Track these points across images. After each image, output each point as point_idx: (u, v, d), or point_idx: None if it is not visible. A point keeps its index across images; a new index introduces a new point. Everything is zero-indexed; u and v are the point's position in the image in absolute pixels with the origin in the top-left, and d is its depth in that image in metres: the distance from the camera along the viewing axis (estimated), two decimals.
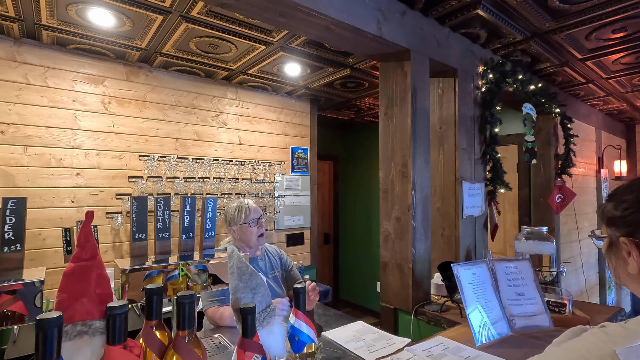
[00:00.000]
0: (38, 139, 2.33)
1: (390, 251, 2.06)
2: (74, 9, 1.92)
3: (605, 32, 2.29)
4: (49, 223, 2.35)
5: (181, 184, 2.86)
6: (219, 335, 1.49)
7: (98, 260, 0.75)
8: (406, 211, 1.98)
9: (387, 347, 1.36)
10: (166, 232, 1.30)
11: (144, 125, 2.76)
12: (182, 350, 0.71)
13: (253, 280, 0.96)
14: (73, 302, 0.69)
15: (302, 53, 2.54)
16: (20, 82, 2.27)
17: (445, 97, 2.37)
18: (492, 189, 2.49)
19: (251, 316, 0.81)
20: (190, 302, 0.74)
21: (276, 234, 3.54)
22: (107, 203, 2.58)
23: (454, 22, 2.14)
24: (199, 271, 1.24)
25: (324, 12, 1.59)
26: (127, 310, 0.66)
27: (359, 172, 5.17)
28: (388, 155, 2.09)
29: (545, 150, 3.33)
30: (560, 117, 3.25)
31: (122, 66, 2.66)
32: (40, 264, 2.26)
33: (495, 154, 2.48)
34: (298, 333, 0.95)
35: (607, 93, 3.59)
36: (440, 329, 1.74)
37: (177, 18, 2.03)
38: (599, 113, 4.37)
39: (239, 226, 1.79)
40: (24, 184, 2.27)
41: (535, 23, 2.16)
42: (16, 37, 2.24)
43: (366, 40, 1.86)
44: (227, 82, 3.17)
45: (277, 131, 3.55)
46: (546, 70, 2.92)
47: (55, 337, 0.57)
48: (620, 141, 4.93)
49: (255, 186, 3.30)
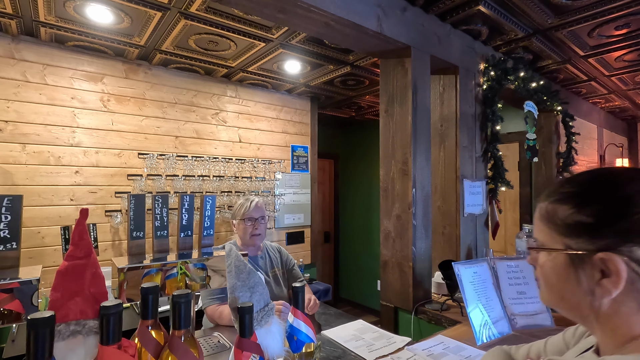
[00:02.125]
0: (37, 137, 2.32)
1: (390, 250, 2.05)
2: (71, 5, 1.91)
3: (608, 29, 2.26)
4: (47, 221, 2.34)
5: (180, 182, 2.85)
6: (217, 334, 1.48)
7: (93, 258, 0.73)
8: (407, 209, 1.96)
9: (387, 346, 1.35)
10: (164, 230, 1.29)
11: (143, 123, 2.75)
12: (177, 351, 0.70)
13: (251, 279, 0.95)
14: (67, 301, 0.68)
15: (302, 50, 2.52)
16: (18, 79, 2.26)
17: (446, 94, 2.35)
18: (493, 187, 2.48)
19: (249, 315, 0.79)
20: (186, 302, 0.73)
21: (276, 232, 3.53)
22: (106, 201, 2.57)
23: (455, 19, 2.12)
24: (197, 269, 1.23)
25: (323, 8, 1.58)
26: (122, 309, 0.65)
27: (360, 170, 5.16)
28: (388, 153, 2.07)
29: (547, 148, 3.32)
30: (562, 115, 3.23)
31: (121, 64, 2.65)
32: (39, 262, 2.25)
33: (496, 152, 2.47)
34: (297, 332, 0.94)
35: (609, 91, 3.57)
36: (440, 328, 1.73)
37: (175, 15, 2.01)
38: (601, 111, 4.34)
39: (237, 221, 1.82)
40: (22, 182, 2.26)
41: (538, 19, 2.13)
42: (14, 34, 2.23)
43: (366, 36, 1.85)
44: (226, 79, 3.16)
45: (277, 129, 3.53)
46: (548, 68, 2.90)
47: (47, 337, 0.55)
48: (622, 139, 4.90)
49: (255, 184, 3.28)
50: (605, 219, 0.50)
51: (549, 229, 0.56)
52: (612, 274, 0.48)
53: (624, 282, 0.48)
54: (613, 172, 0.55)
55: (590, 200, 0.52)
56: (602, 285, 0.50)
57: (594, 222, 0.51)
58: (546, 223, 0.56)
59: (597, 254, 0.49)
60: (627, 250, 0.48)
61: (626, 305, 0.50)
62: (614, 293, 0.49)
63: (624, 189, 0.51)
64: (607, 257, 0.49)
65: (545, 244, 0.56)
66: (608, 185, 0.53)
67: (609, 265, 0.49)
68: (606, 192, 0.52)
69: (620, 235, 0.49)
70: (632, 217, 0.48)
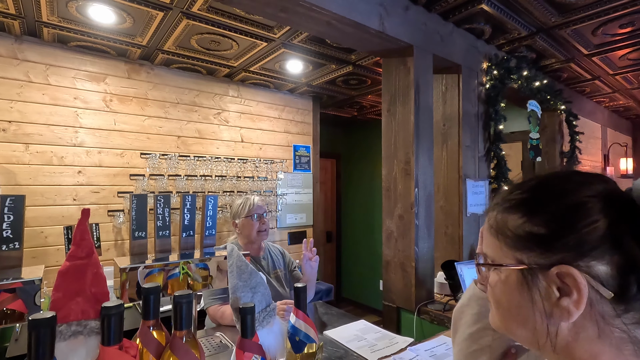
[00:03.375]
0: (40, 137, 2.32)
1: (393, 249, 2.04)
2: (74, 5, 1.91)
3: (612, 27, 2.25)
4: (50, 221, 2.35)
5: (183, 182, 2.86)
6: (219, 334, 1.48)
7: (94, 258, 0.73)
8: (409, 209, 1.96)
9: (389, 346, 1.35)
10: (166, 230, 1.29)
11: (146, 123, 2.75)
12: (179, 351, 0.70)
13: (253, 279, 0.94)
14: (68, 301, 0.68)
15: (304, 50, 2.51)
16: (21, 79, 2.27)
17: (449, 93, 2.34)
18: (496, 187, 2.47)
19: (250, 316, 0.79)
20: (187, 302, 0.73)
21: (278, 232, 3.52)
22: (108, 201, 2.58)
23: (458, 18, 2.11)
24: (199, 269, 1.22)
25: (325, 7, 1.57)
26: (123, 310, 0.65)
27: (362, 170, 5.15)
28: (391, 153, 2.07)
29: (550, 148, 3.30)
30: (566, 114, 3.21)
31: (124, 64, 2.65)
32: (42, 261, 2.26)
33: (499, 152, 2.45)
34: (299, 333, 0.93)
35: (614, 90, 3.54)
36: (443, 329, 1.72)
37: (177, 14, 2.01)
38: (605, 110, 4.32)
39: (241, 219, 1.80)
40: (25, 182, 2.27)
41: (541, 18, 2.12)
42: (17, 34, 2.23)
43: (368, 36, 1.84)
44: (228, 79, 3.16)
45: (279, 129, 3.53)
46: (551, 67, 2.88)
47: (48, 338, 0.55)
48: (626, 138, 4.87)
49: (257, 184, 3.28)
50: (557, 230, 0.43)
51: (499, 242, 0.48)
52: (572, 291, 0.41)
53: (586, 301, 0.41)
54: (564, 176, 0.49)
55: (540, 208, 0.46)
56: (560, 306, 0.42)
57: (546, 233, 0.44)
58: (495, 235, 0.49)
59: (553, 268, 0.42)
60: (584, 265, 0.41)
61: (587, 331, 0.42)
62: (575, 314, 0.42)
63: (574, 195, 0.44)
64: (565, 271, 0.41)
65: (495, 260, 0.49)
66: (557, 191, 0.46)
67: (566, 281, 0.42)
68: (554, 199, 0.45)
69: (575, 248, 0.42)
70: (586, 228, 0.42)
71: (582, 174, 0.48)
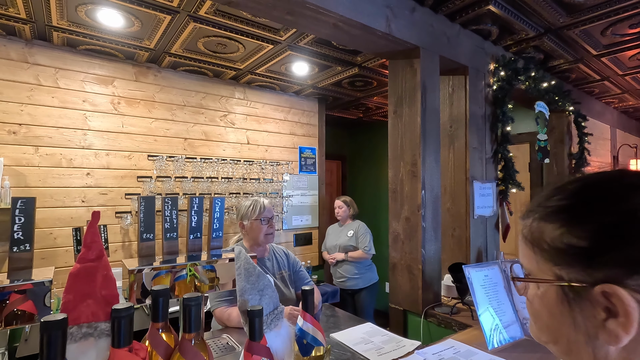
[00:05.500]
0: (49, 139, 2.35)
1: (399, 252, 2.03)
2: (83, 9, 1.94)
3: (622, 27, 2.22)
4: (59, 222, 2.37)
5: (189, 184, 2.87)
6: (226, 335, 1.48)
7: (104, 261, 0.74)
8: (416, 211, 1.95)
9: (396, 349, 1.34)
10: (174, 232, 1.30)
11: (153, 126, 2.77)
12: (188, 354, 0.70)
13: (260, 282, 0.94)
14: (79, 303, 0.68)
15: (310, 52, 2.52)
16: (31, 83, 2.30)
17: (456, 95, 2.32)
18: (503, 189, 2.45)
19: (258, 319, 0.79)
20: (196, 305, 0.73)
21: (284, 234, 3.53)
22: (116, 203, 2.60)
23: (465, 19, 2.10)
24: (206, 271, 1.23)
25: (332, 10, 1.57)
26: (133, 312, 0.65)
27: (368, 171, 5.13)
28: (397, 155, 2.06)
29: (559, 149, 3.26)
30: (574, 115, 3.18)
31: (131, 66, 2.68)
32: (51, 263, 2.29)
33: (506, 153, 2.43)
34: (306, 335, 0.93)
35: (623, 90, 3.50)
36: (451, 332, 1.70)
37: (185, 18, 2.03)
38: (614, 111, 4.26)
39: (250, 221, 1.80)
40: (35, 184, 2.30)
41: (549, 18, 2.10)
42: (27, 38, 2.27)
43: (375, 37, 1.84)
44: (234, 81, 3.17)
45: (285, 131, 3.54)
46: (560, 67, 2.86)
47: (59, 340, 0.56)
48: (636, 140, 4.80)
49: (263, 186, 3.29)
50: (603, 243, 0.37)
51: (535, 254, 0.43)
52: (620, 314, 0.36)
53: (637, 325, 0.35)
54: (613, 178, 0.42)
55: (583, 217, 0.39)
56: (606, 329, 0.37)
57: (589, 246, 0.38)
58: (531, 247, 0.44)
59: (597, 287, 0.37)
60: (634, 284, 0.35)
61: None
62: (624, 339, 0.36)
63: (627, 200, 0.38)
64: (611, 291, 0.36)
65: (532, 273, 0.44)
66: (605, 196, 0.39)
67: (614, 301, 0.36)
68: (602, 206, 0.39)
69: (624, 264, 0.36)
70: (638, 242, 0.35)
71: (635, 174, 0.41)
